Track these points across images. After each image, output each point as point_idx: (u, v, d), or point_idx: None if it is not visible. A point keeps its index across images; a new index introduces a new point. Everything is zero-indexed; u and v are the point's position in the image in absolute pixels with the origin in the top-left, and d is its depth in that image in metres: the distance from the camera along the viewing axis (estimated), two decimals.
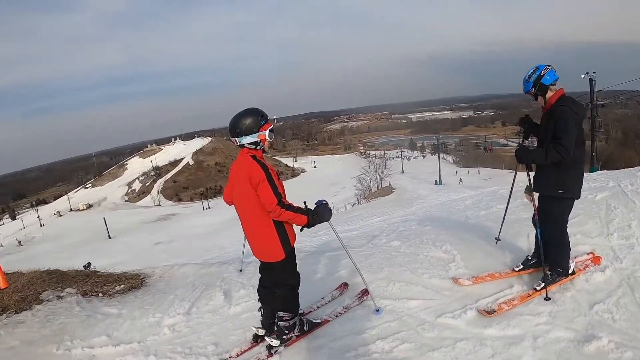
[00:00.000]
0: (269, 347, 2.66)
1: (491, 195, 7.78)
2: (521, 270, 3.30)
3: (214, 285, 4.03)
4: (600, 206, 4.46)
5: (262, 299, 2.78)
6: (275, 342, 2.64)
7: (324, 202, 2.58)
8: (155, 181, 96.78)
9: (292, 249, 2.61)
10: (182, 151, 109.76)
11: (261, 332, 2.77)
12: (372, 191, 39.67)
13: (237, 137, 2.48)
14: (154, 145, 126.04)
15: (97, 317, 3.65)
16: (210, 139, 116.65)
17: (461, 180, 44.77)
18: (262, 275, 2.77)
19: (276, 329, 2.68)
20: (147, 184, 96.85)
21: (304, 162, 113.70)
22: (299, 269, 2.75)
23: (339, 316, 2.98)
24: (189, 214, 60.30)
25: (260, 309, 2.82)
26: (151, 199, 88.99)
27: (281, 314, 2.64)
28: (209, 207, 63.94)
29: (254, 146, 2.51)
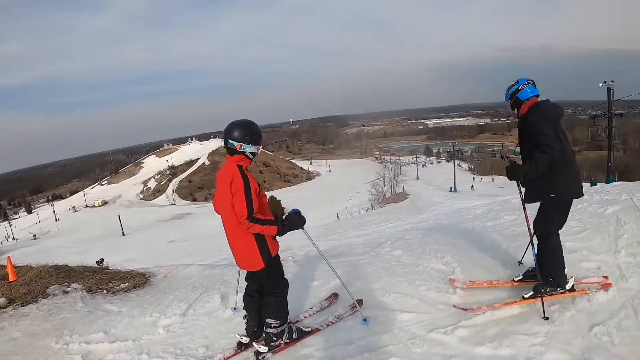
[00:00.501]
0: (257, 353, 2.67)
1: (502, 205, 7.62)
2: (521, 281, 3.21)
3: (213, 287, 4.07)
4: (610, 220, 4.31)
5: (247, 307, 2.79)
6: (263, 349, 2.64)
7: (297, 210, 2.61)
8: (170, 180, 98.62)
9: (274, 257, 2.60)
10: (198, 151, 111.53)
11: (245, 339, 2.77)
12: (387, 197, 39.40)
13: (245, 143, 2.50)
14: (171, 144, 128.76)
15: (98, 313, 3.75)
16: None
17: (473, 187, 43.99)
18: (247, 282, 2.79)
19: (264, 335, 2.68)
20: (163, 183, 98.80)
21: (319, 165, 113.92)
22: (291, 276, 2.75)
23: (330, 325, 2.96)
24: (203, 213, 60.89)
25: (245, 317, 2.83)
26: (166, 197, 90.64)
27: (269, 320, 2.64)
28: None
29: (251, 156, 2.53)
